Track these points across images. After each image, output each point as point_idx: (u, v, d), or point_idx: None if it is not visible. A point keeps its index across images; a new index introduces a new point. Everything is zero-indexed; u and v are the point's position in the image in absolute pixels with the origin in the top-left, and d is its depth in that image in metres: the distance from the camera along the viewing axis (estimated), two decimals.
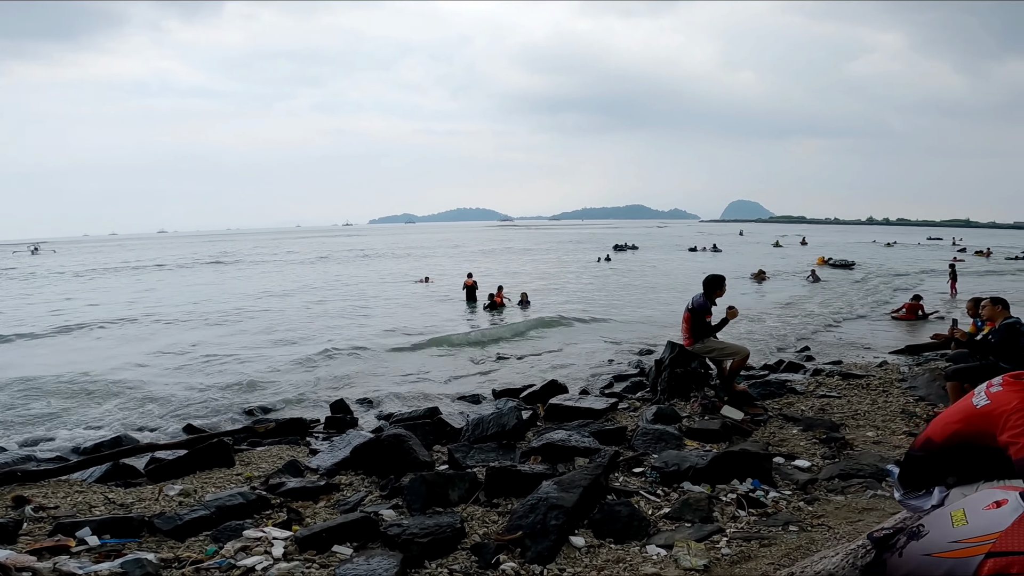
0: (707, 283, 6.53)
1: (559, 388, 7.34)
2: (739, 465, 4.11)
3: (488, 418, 5.47)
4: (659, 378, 6.73)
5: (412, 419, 6.43)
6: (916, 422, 5.62)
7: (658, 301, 18.47)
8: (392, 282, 27.01)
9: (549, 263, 37.19)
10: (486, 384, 8.76)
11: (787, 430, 5.57)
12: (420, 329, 13.99)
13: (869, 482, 4.01)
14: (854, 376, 7.63)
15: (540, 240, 74.69)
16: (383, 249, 56.73)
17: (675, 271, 31.13)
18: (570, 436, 4.81)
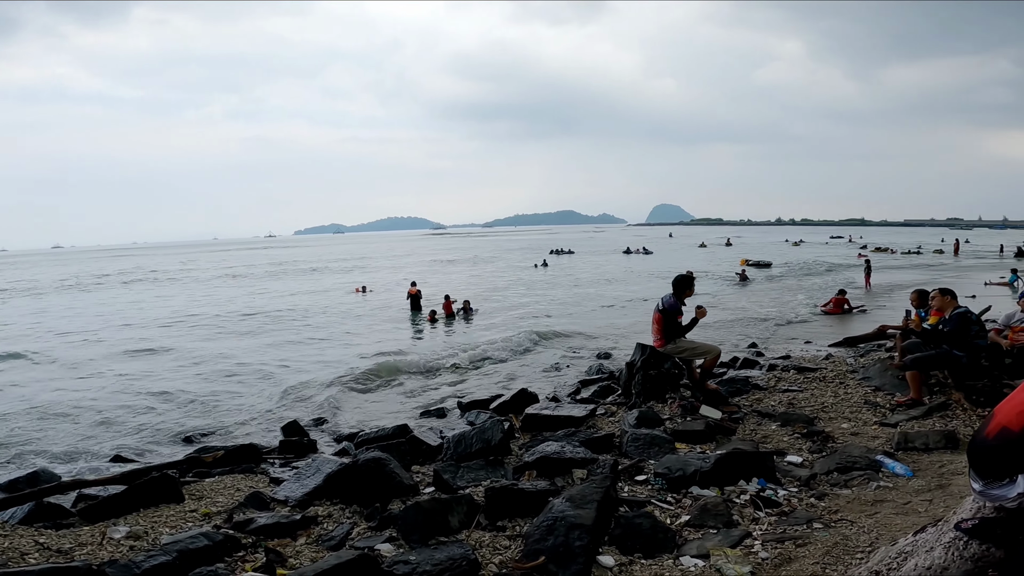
0: (677, 283, 6.57)
1: (530, 397, 7.14)
2: (743, 466, 4.07)
3: (470, 434, 5.18)
4: (632, 381, 6.68)
5: (381, 439, 6.01)
6: (882, 412, 5.85)
7: (601, 303, 18.73)
8: (326, 293, 25.85)
9: (487, 270, 37.04)
10: (448, 397, 8.43)
11: (766, 426, 5.65)
12: (366, 342, 13.40)
13: (868, 474, 4.09)
14: (808, 370, 7.93)
15: (475, 248, 74.49)
16: (313, 261, 54.43)
17: (613, 273, 31.84)
18: (563, 447, 4.62)
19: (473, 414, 6.98)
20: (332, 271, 40.47)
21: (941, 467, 4.23)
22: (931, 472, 4.14)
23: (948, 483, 3.82)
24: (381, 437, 6.14)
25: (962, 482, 3.84)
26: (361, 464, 4.56)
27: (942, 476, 4.03)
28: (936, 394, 6.09)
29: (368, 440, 6.15)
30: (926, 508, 3.40)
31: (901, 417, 5.60)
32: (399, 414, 7.85)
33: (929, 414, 5.61)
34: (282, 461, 6.10)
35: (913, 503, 3.51)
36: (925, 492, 3.71)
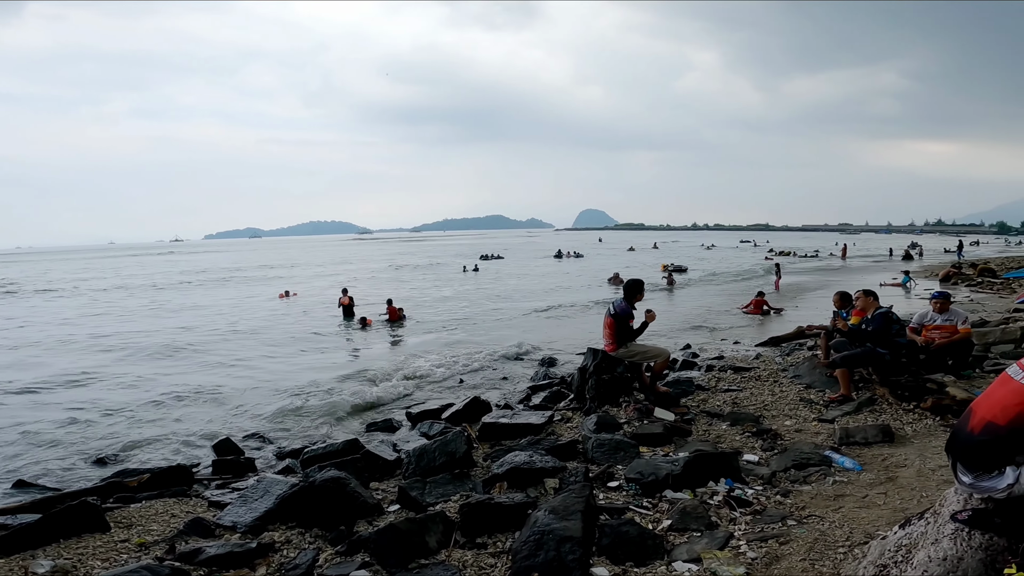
0: (628, 288, 6.74)
1: (483, 406, 7.06)
2: (711, 467, 4.22)
3: (432, 447, 5.03)
4: (586, 386, 6.76)
5: (331, 455, 5.71)
6: (818, 409, 6.26)
7: (537, 308, 18.90)
8: (246, 300, 24.38)
9: (417, 275, 36.41)
10: (394, 408, 8.17)
11: (717, 426, 5.89)
12: (297, 352, 12.75)
13: (823, 470, 4.35)
14: (743, 369, 8.37)
15: (403, 252, 72.96)
16: (221, 268, 51.06)
17: (546, 277, 32.27)
18: (532, 457, 4.58)
19: (425, 425, 6.81)
20: (248, 280, 38.28)
21: (884, 460, 4.57)
22: (876, 465, 4.47)
23: (895, 476, 4.13)
24: (331, 453, 5.84)
25: (907, 474, 4.18)
26: (318, 485, 4.31)
27: (887, 469, 4.35)
28: (862, 390, 6.60)
29: (316, 457, 5.83)
30: (884, 501, 3.65)
31: (836, 413, 6.02)
32: (343, 428, 7.51)
33: (859, 409, 6.07)
34: (219, 482, 5.68)
35: (870, 496, 3.77)
36: (877, 485, 3.99)
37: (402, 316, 16.36)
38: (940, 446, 4.85)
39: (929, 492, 3.73)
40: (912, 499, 3.63)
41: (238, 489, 5.21)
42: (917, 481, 3.98)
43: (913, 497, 3.66)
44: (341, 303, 17.15)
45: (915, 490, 3.80)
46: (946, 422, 5.43)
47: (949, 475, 4.01)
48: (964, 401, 5.45)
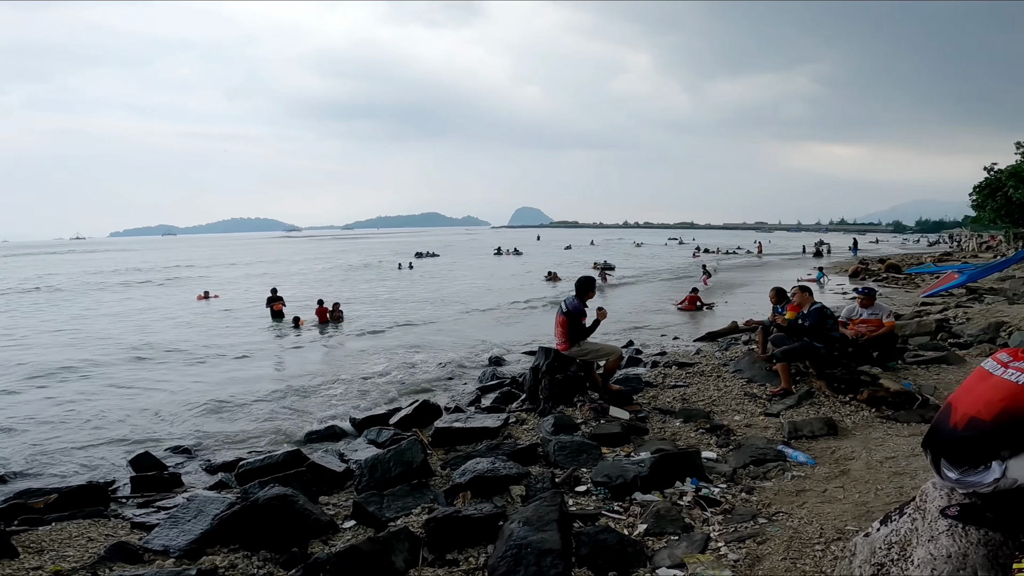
0: (580, 286, 6.71)
1: (433, 409, 6.84)
2: (676, 466, 4.23)
3: (386, 457, 4.78)
4: (539, 386, 6.69)
5: (271, 468, 5.31)
6: (762, 403, 6.49)
7: (479, 306, 18.73)
8: (156, 302, 22.68)
9: (349, 274, 35.20)
10: (335, 414, 7.76)
11: (670, 424, 5.98)
12: (224, 358, 11.94)
13: (780, 464, 4.48)
14: (687, 364, 8.60)
15: (334, 250, 70.36)
16: (132, 268, 47.32)
17: (486, 275, 32.10)
18: (495, 464, 4.44)
19: (373, 432, 6.49)
20: (160, 281, 35.62)
21: (832, 453, 4.77)
22: (827, 459, 4.65)
23: (847, 469, 4.31)
24: (271, 466, 5.43)
25: (857, 467, 4.37)
26: (263, 503, 3.99)
27: (838, 462, 4.54)
28: (799, 383, 6.91)
29: (254, 470, 5.41)
30: (843, 495, 3.78)
31: (780, 407, 6.26)
32: (280, 438, 7.05)
33: (800, 402, 6.34)
34: (140, 501, 5.18)
35: (829, 491, 3.90)
36: (833, 479, 4.15)
37: (339, 317, 15.72)
38: (880, 438, 5.14)
39: (881, 484, 3.90)
40: (869, 492, 3.78)
41: (165, 508, 4.78)
42: (868, 474, 4.16)
43: (869, 490, 3.81)
44: (274, 308, 16.18)
45: (868, 483, 3.97)
46: (881, 413, 5.77)
47: (897, 467, 4.24)
48: (898, 393, 5.82)
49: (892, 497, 3.64)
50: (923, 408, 5.60)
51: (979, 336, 8.50)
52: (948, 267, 24.30)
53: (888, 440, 5.02)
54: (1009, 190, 27.29)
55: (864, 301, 7.76)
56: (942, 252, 43.26)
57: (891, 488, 3.80)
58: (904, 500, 3.45)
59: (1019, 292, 14.02)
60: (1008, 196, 27.44)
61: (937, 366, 7.36)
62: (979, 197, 31.17)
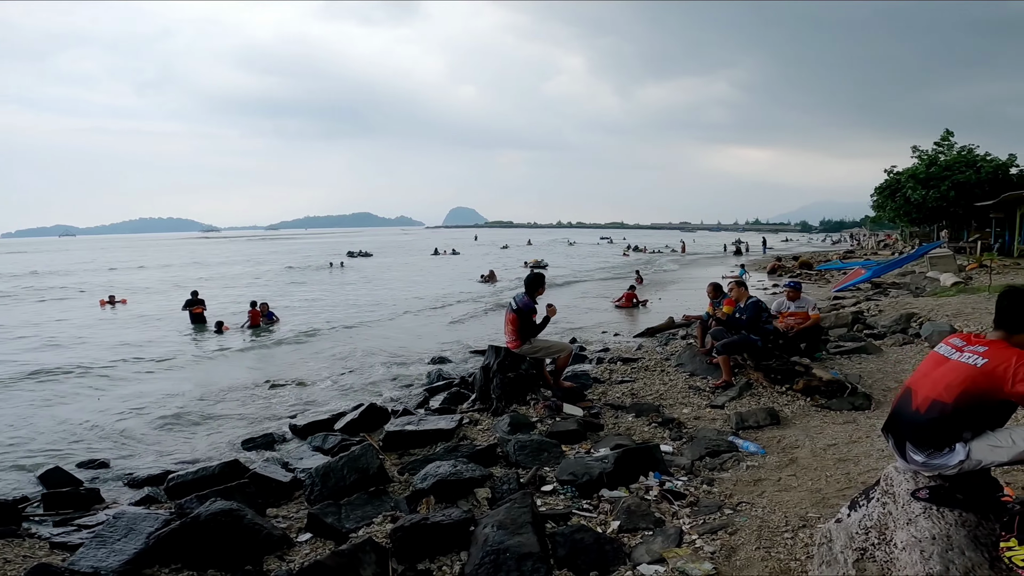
0: (530, 282, 6.70)
1: (381, 413, 6.62)
2: (638, 461, 4.30)
3: (339, 465, 4.56)
4: (491, 385, 6.63)
5: (207, 480, 4.94)
6: (706, 395, 6.74)
7: (418, 306, 18.41)
8: (52, 309, 20.71)
9: (275, 275, 33.59)
10: (273, 420, 7.36)
11: (623, 418, 6.09)
12: (139, 366, 11.07)
13: (735, 455, 4.65)
14: (631, 360, 8.81)
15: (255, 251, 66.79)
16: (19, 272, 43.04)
17: (422, 275, 31.57)
18: (456, 467, 4.34)
19: (318, 438, 6.21)
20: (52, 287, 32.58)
21: (779, 442, 5.01)
22: (775, 448, 4.88)
23: (795, 457, 4.54)
24: (206, 478, 5.06)
25: (803, 455, 4.60)
26: (206, 519, 3.72)
27: (785, 451, 4.77)
28: (737, 375, 7.22)
29: (188, 483, 5.02)
30: (797, 483, 3.97)
31: (723, 399, 6.52)
32: (212, 447, 6.61)
33: (741, 394, 6.64)
34: (57, 520, 4.70)
35: (783, 479, 4.09)
36: (784, 467, 4.35)
37: (272, 320, 14.95)
38: (819, 426, 5.45)
39: (829, 472, 4.13)
40: (820, 479, 3.99)
41: (87, 527, 4.39)
42: (815, 461, 4.40)
43: (819, 477, 4.02)
44: (193, 311, 15.12)
45: (817, 470, 4.19)
46: (815, 402, 6.13)
47: (840, 454, 4.49)
48: (830, 382, 6.20)
49: (842, 483, 3.85)
50: (852, 396, 6.00)
51: (892, 327, 9.22)
52: (854, 263, 26.34)
53: (826, 428, 5.33)
54: (907, 191, 29.92)
55: (791, 294, 8.22)
56: (846, 250, 46.91)
57: (839, 475, 4.03)
58: (855, 485, 3.68)
59: (920, 286, 15.41)
60: (906, 197, 30.06)
61: (858, 356, 7.91)
62: (880, 198, 34.00)
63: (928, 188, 29.09)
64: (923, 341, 8.23)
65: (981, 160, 29.49)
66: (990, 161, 29.30)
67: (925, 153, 32.17)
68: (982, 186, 27.99)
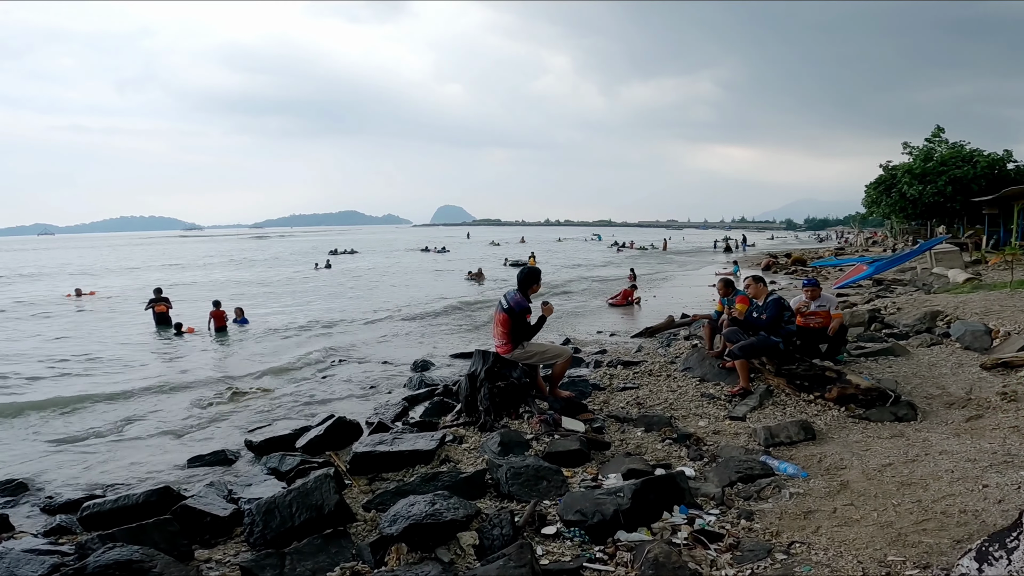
0: (523, 278, 5.90)
1: (350, 428, 5.78)
2: (659, 493, 3.53)
3: (285, 499, 3.72)
4: (477, 395, 5.82)
5: (128, 510, 4.09)
6: (723, 404, 6.00)
7: (400, 304, 17.54)
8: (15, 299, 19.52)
9: (255, 274, 32.45)
10: (228, 433, 6.50)
11: (630, 433, 5.33)
12: (91, 366, 10.12)
13: (774, 480, 3.89)
14: (632, 363, 8.05)
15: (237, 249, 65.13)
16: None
17: (408, 273, 30.67)
18: (435, 505, 3.52)
19: (274, 458, 5.34)
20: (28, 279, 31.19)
21: (820, 462, 4.27)
22: (817, 469, 4.14)
23: (846, 481, 3.81)
24: (126, 508, 4.20)
25: (854, 478, 3.87)
26: (95, 572, 2.94)
27: (830, 473, 4.03)
28: (754, 381, 6.49)
29: (104, 513, 4.17)
30: (859, 514, 3.25)
31: (744, 409, 5.78)
32: (155, 465, 5.75)
33: (762, 403, 5.91)
34: None
35: (840, 510, 3.35)
36: (837, 494, 3.62)
37: (245, 326, 14.00)
38: (862, 441, 4.72)
39: (895, 499, 3.40)
40: (886, 510, 3.27)
41: None
42: (872, 486, 3.67)
43: (885, 507, 3.31)
44: (155, 309, 14.12)
45: (878, 498, 3.47)
46: (851, 412, 5.40)
47: (900, 476, 3.76)
48: (868, 390, 5.47)
49: (917, 514, 3.13)
50: (895, 406, 5.28)
51: (916, 326, 8.56)
52: (850, 260, 25.89)
53: (871, 444, 4.60)
54: (903, 186, 29.54)
55: (812, 292, 7.51)
56: (836, 247, 46.69)
57: (908, 503, 3.31)
58: (935, 517, 2.94)
59: (927, 282, 14.84)
60: (902, 192, 29.69)
61: (885, 358, 7.22)
62: (874, 193, 33.63)
63: (924, 183, 28.73)
64: (953, 342, 7.57)
65: (977, 155, 29.21)
66: (986, 156, 29.03)
67: (916, 149, 31.88)
68: (978, 181, 27.69)
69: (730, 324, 7.00)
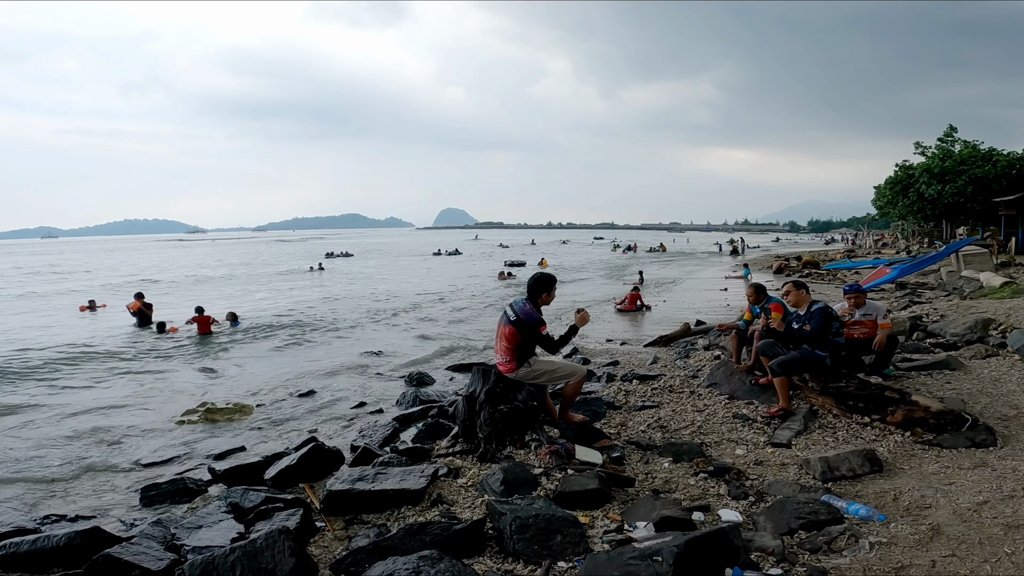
0: (534, 285, 5.13)
1: (328, 456, 5.03)
2: (708, 552, 2.79)
3: (227, 562, 2.96)
4: (477, 420, 5.07)
5: (45, 554, 3.37)
6: (760, 428, 5.25)
7: (393, 308, 16.81)
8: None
9: (249, 278, 31.76)
10: (192, 455, 5.77)
11: (656, 464, 4.58)
12: (63, 375, 9.40)
13: (848, 528, 3.13)
14: (649, 377, 7.30)
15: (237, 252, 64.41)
16: None
17: (407, 278, 29.93)
18: (420, 570, 2.77)
19: (238, 492, 4.57)
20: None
21: (895, 500, 3.53)
22: (894, 509, 3.40)
23: (936, 525, 3.08)
24: (44, 552, 3.47)
25: (945, 519, 3.12)
26: None
27: (913, 515, 3.29)
28: (793, 400, 5.73)
29: (21, 556, 3.46)
30: (966, 568, 2.52)
31: (787, 433, 5.02)
32: (103, 492, 5.02)
33: (807, 426, 5.16)
34: None
35: (939, 564, 2.65)
36: (929, 543, 2.90)
37: (234, 324, 13.33)
38: (940, 472, 3.96)
39: (1002, 546, 2.73)
40: (997, 560, 2.59)
41: None
42: (970, 530, 2.94)
43: (996, 557, 2.63)
44: (131, 309, 13.54)
45: (984, 546, 2.76)
46: (918, 437, 4.64)
47: (1004, 517, 3.01)
48: (939, 413, 4.71)
49: None
50: (972, 430, 4.51)
51: (965, 335, 7.79)
52: (867, 262, 25.11)
53: (954, 476, 3.85)
54: (921, 186, 28.76)
55: (857, 299, 6.73)
56: (846, 249, 45.90)
57: (1009, 544, 2.57)
58: None
59: (957, 286, 14.07)
60: (920, 192, 28.91)
61: (940, 372, 6.45)
62: (890, 194, 32.83)
63: (944, 183, 27.94)
64: (1011, 353, 6.80)
65: (997, 154, 28.44)
66: (1006, 155, 28.25)
67: (929, 149, 31.10)
68: (999, 180, 26.91)
69: (765, 335, 6.25)
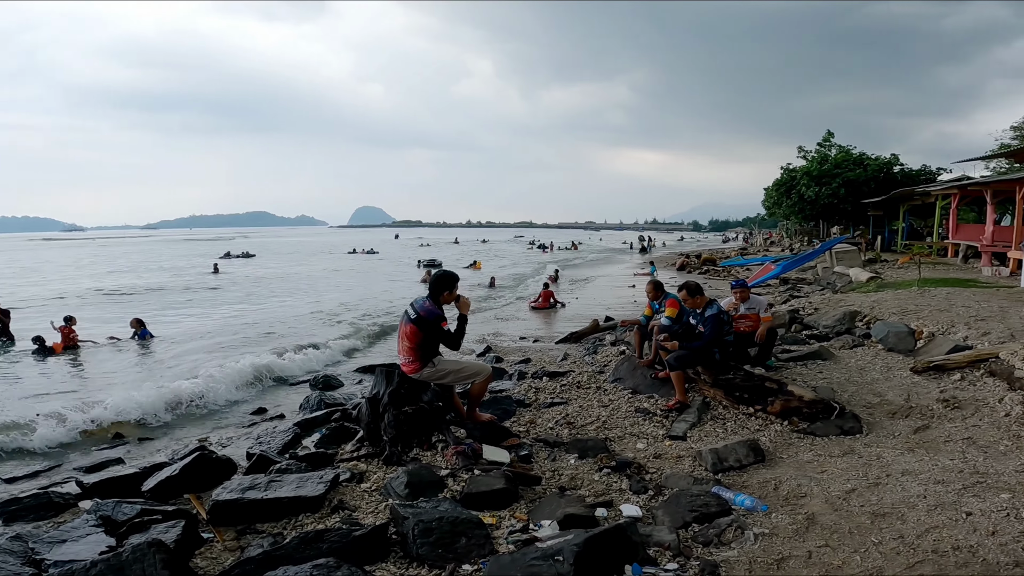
0: (436, 282, 5.10)
1: (217, 465, 4.73)
2: (608, 550, 2.89)
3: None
4: (381, 423, 4.97)
5: None
6: (659, 421, 5.51)
7: (304, 311, 16.10)
8: None
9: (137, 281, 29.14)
10: (64, 466, 5.24)
11: (562, 461, 4.70)
12: None
13: (735, 520, 3.35)
14: (558, 374, 7.47)
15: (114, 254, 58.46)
16: None
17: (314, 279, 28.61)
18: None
19: (109, 505, 4.17)
20: None
21: (775, 489, 3.82)
22: (775, 499, 3.68)
23: (811, 514, 3.36)
24: None
25: (819, 509, 3.42)
26: None
27: (790, 503, 3.57)
28: (689, 392, 6.06)
29: None
30: (838, 558, 2.80)
31: (682, 426, 5.31)
32: None
33: (700, 418, 5.48)
34: None
35: (815, 553, 2.89)
36: (805, 533, 3.16)
37: (142, 333, 12.09)
38: (813, 460, 4.34)
39: (874, 535, 3.01)
40: (867, 550, 2.86)
41: None
42: (841, 519, 3.25)
43: (865, 546, 2.90)
44: None
45: (853, 534, 3.05)
46: (794, 426, 5.06)
47: (869, 505, 3.34)
48: (811, 402, 5.15)
49: (907, 555, 2.74)
50: (841, 418, 4.98)
51: (835, 327, 8.58)
52: (756, 260, 27.07)
53: (824, 463, 4.23)
54: (802, 188, 31.35)
55: (742, 294, 7.23)
56: (740, 247, 49.27)
57: (890, 540, 2.92)
58: (929, 558, 2.52)
59: (830, 281, 15.47)
60: (801, 194, 31.50)
61: (814, 363, 7.07)
62: (776, 195, 35.55)
63: (821, 185, 30.61)
64: (875, 343, 7.57)
65: (867, 159, 31.52)
66: (876, 160, 31.39)
67: (810, 152, 34.01)
68: (868, 183, 29.86)
69: (661, 333, 6.56)
